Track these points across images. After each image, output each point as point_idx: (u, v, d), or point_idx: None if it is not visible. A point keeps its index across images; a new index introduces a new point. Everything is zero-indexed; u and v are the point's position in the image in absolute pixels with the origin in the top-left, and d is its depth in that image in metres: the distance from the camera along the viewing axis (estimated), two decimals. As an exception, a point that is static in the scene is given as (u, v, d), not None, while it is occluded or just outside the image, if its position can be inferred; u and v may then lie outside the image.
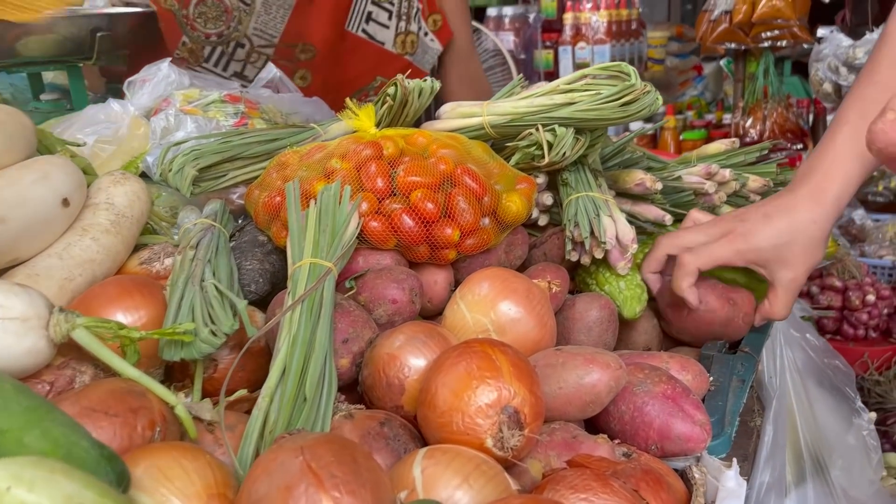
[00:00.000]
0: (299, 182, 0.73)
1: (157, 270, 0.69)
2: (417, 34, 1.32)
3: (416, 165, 0.74)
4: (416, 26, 1.31)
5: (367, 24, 1.28)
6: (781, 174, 0.96)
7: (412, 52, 1.32)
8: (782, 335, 1.02)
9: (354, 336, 0.61)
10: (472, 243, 0.74)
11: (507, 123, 0.86)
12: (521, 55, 2.49)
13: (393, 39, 1.30)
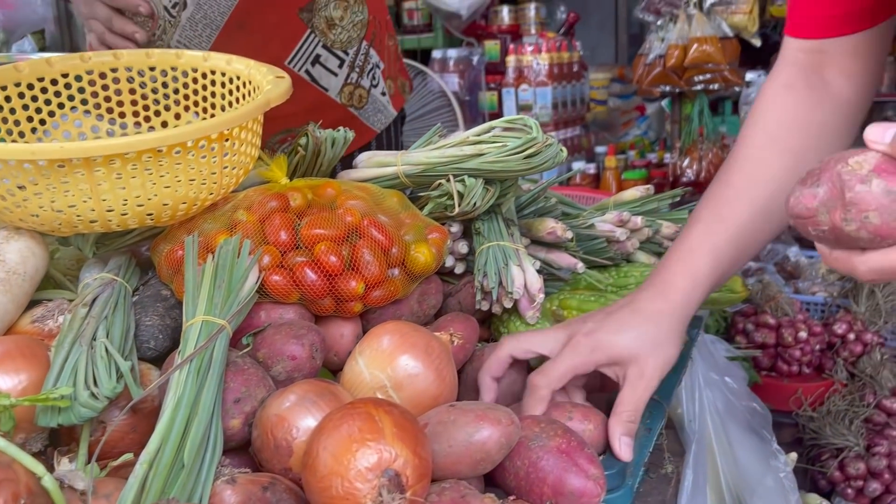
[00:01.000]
0: (203, 235, 0.72)
1: (51, 328, 0.68)
2: (369, 90, 1.31)
3: (320, 218, 0.74)
4: (368, 82, 1.31)
5: (312, 66, 1.26)
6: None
7: (358, 105, 1.31)
8: (702, 378, 1.03)
9: (247, 395, 0.60)
10: (379, 295, 0.74)
11: (420, 173, 0.86)
12: (465, 97, 2.52)
13: (339, 88, 1.28)
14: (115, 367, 0.59)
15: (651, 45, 2.04)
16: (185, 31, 1.17)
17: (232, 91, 0.88)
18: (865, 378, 1.71)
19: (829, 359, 1.78)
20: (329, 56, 1.27)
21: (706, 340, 1.12)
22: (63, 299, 0.71)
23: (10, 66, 0.83)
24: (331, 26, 1.26)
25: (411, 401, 0.62)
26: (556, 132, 2.46)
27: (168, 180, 0.69)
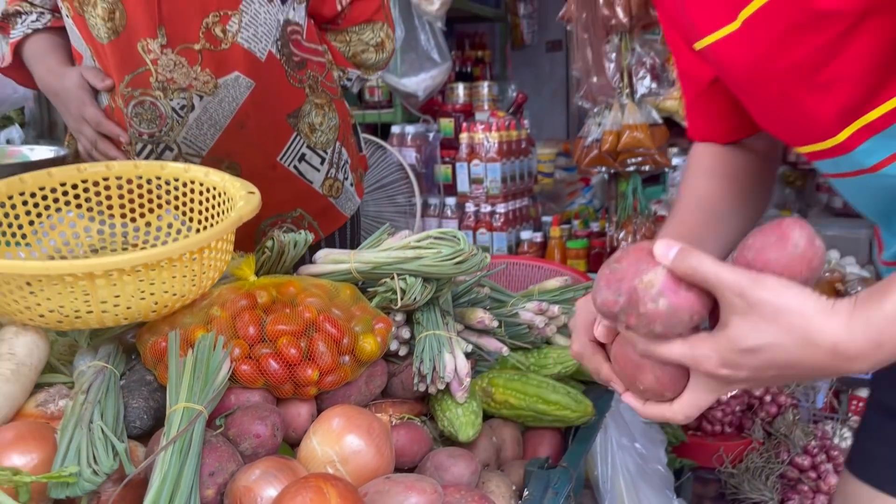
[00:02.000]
0: (183, 328, 0.86)
1: (52, 412, 0.80)
2: (343, 182, 1.48)
3: (283, 315, 0.88)
4: (342, 175, 1.48)
5: (299, 162, 1.42)
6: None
7: (335, 195, 1.47)
8: (615, 443, 1.18)
9: (220, 469, 0.73)
10: (331, 380, 0.88)
11: (369, 270, 1.02)
12: (422, 169, 2.70)
13: (321, 182, 1.44)
14: (111, 447, 0.72)
15: (589, 129, 2.24)
16: (191, 129, 1.32)
17: (208, 198, 1.02)
18: (780, 437, 1.88)
19: (749, 419, 1.95)
20: (313, 155, 1.44)
21: (622, 408, 1.27)
22: (61, 385, 0.84)
23: (16, 179, 0.97)
24: (312, 130, 1.43)
25: (355, 473, 0.76)
26: (504, 203, 2.65)
27: (155, 286, 0.83)
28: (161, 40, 1.28)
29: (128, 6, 1.27)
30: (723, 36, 0.66)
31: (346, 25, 1.48)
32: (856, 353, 0.54)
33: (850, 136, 0.65)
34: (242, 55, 1.30)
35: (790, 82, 0.64)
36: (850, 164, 0.67)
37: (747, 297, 0.55)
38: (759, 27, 0.63)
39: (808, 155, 0.71)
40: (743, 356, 0.57)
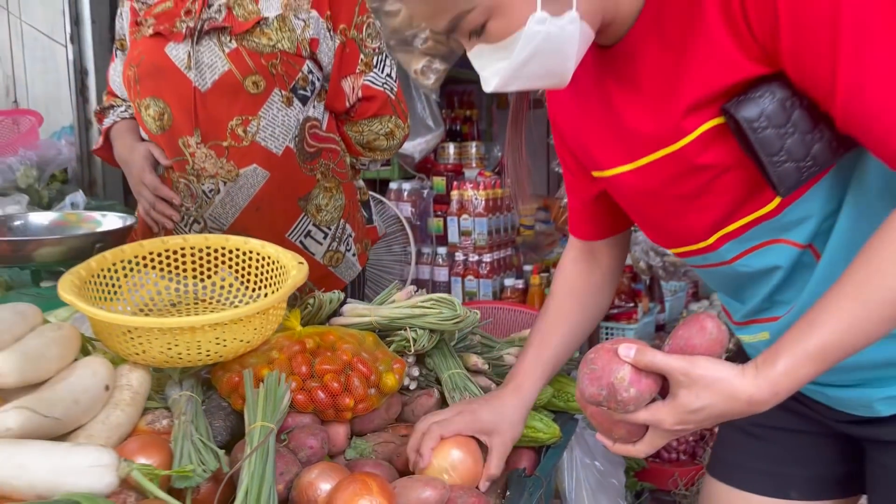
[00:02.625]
0: (251, 367, 1.15)
1: (158, 429, 1.08)
2: (345, 254, 1.77)
3: (326, 358, 1.17)
4: (345, 248, 1.76)
5: (305, 238, 1.71)
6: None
7: (335, 265, 1.76)
8: (579, 461, 1.47)
9: (287, 470, 1.02)
10: (362, 407, 1.16)
11: (386, 323, 1.31)
12: (417, 222, 3.01)
13: (323, 254, 1.73)
14: (210, 453, 1.00)
15: (563, 192, 2.56)
16: (216, 208, 1.62)
17: (263, 264, 1.31)
18: (727, 463, 2.17)
19: (701, 447, 2.24)
20: (317, 231, 1.73)
21: (586, 434, 1.56)
22: (162, 409, 1.12)
23: (118, 249, 1.25)
24: (318, 211, 1.72)
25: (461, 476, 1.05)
26: (490, 253, 2.96)
27: (234, 336, 1.12)
28: (197, 138, 1.59)
29: (173, 111, 1.58)
30: (622, 171, 0.96)
31: (358, 119, 1.75)
32: (762, 401, 0.78)
33: (716, 241, 0.95)
34: (260, 151, 1.61)
35: (675, 205, 0.94)
36: (714, 259, 0.97)
37: (689, 374, 0.80)
38: (653, 171, 0.92)
39: (680, 254, 1.01)
40: (690, 415, 0.81)
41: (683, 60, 0.83)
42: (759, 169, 0.83)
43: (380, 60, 1.73)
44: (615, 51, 0.90)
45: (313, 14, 1.61)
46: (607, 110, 0.95)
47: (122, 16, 1.72)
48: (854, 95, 0.74)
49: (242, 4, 1.58)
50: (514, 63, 0.81)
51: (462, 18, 0.82)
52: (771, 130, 0.79)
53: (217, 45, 1.57)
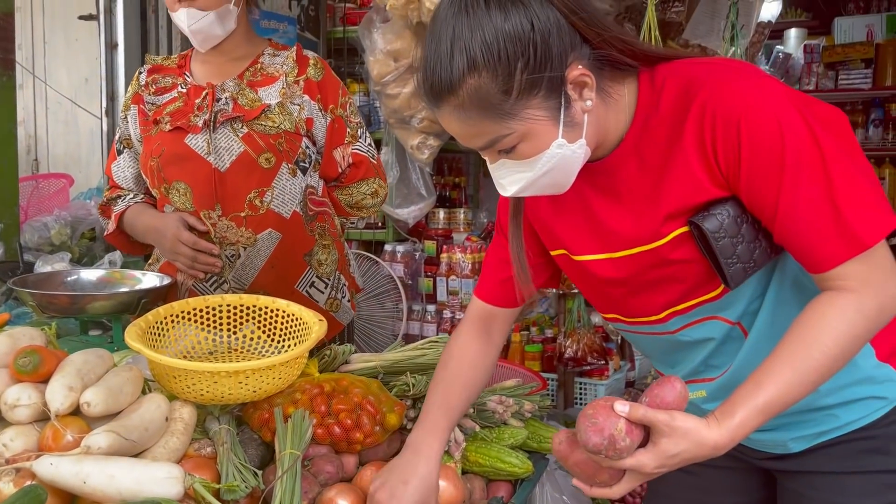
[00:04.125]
0: (278, 406, 1.39)
1: (204, 454, 1.31)
2: (341, 301, 2.04)
3: (340, 399, 1.41)
4: (341, 295, 2.03)
5: (310, 288, 1.98)
6: (542, 401, 1.69)
7: (335, 310, 2.02)
8: (549, 495, 1.71)
9: (309, 489, 1.25)
10: (370, 441, 1.40)
11: (389, 367, 1.56)
12: (408, 281, 3.27)
13: (325, 301, 2.00)
14: (250, 472, 1.24)
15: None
16: (237, 271, 1.88)
17: (288, 320, 1.56)
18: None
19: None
20: (319, 282, 2.00)
21: (557, 473, 1.80)
22: (205, 439, 1.35)
23: (168, 306, 1.50)
24: (320, 264, 1.99)
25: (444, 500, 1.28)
26: (476, 312, 3.22)
27: (267, 379, 1.36)
28: (218, 212, 1.86)
29: (195, 191, 1.84)
30: (598, 259, 1.20)
31: (347, 183, 2.04)
32: (723, 446, 0.96)
33: (666, 315, 1.20)
34: (274, 217, 1.88)
35: (639, 288, 1.20)
36: (661, 329, 1.24)
37: (670, 425, 0.95)
38: (629, 262, 1.14)
39: (630, 322, 1.24)
40: (668, 459, 0.96)
41: (663, 180, 1.07)
42: (714, 268, 1.08)
43: (362, 132, 2.04)
44: (596, 166, 1.13)
45: (306, 98, 1.91)
46: (583, 209, 1.18)
47: (127, 119, 1.97)
48: (788, 219, 1.00)
49: (244, 94, 1.88)
50: (534, 176, 1.05)
51: (499, 141, 1.02)
52: (727, 239, 1.04)
53: (231, 132, 1.84)
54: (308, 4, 3.27)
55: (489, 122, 1.00)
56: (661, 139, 1.07)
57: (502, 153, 1.05)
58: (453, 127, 1.04)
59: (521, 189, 1.07)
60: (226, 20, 1.86)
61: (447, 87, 0.98)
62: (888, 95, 4.96)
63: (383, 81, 2.94)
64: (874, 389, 1.15)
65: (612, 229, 1.15)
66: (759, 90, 1.00)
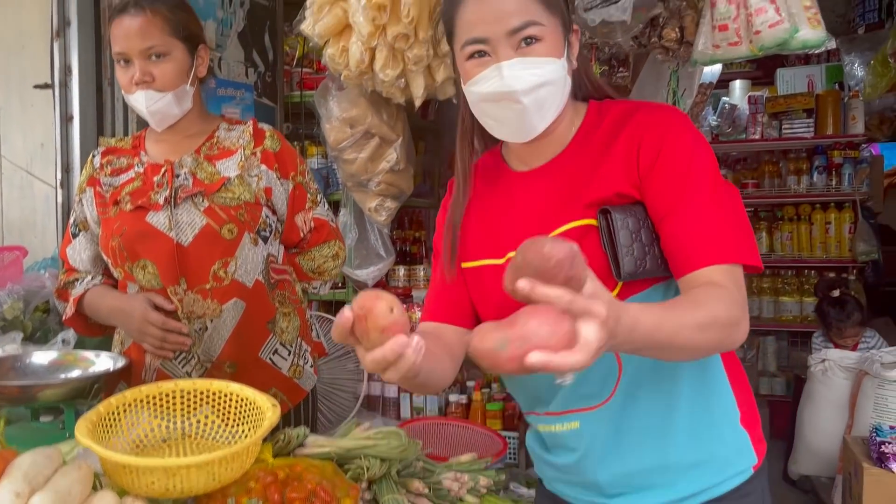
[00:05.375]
0: (233, 496, 1.39)
1: None
2: (304, 367, 2.04)
3: (294, 487, 1.42)
4: (303, 361, 2.04)
5: (273, 355, 1.98)
6: (497, 475, 1.71)
7: (298, 377, 2.03)
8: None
9: (263, 585, 1.25)
10: (324, 528, 1.41)
11: (343, 453, 1.57)
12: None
13: (288, 368, 2.00)
14: (202, 572, 1.24)
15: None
16: (205, 344, 1.89)
17: (242, 403, 1.57)
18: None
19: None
20: (282, 349, 2.01)
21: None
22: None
23: (120, 395, 1.50)
24: (282, 332, 2.01)
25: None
26: (437, 371, 3.24)
27: (219, 471, 1.37)
28: (183, 286, 1.87)
29: (159, 268, 1.86)
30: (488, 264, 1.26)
31: (309, 248, 2.08)
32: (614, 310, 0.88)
33: None
34: (238, 287, 1.90)
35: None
36: None
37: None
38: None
39: None
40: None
41: (591, 179, 1.21)
42: (610, 259, 1.16)
43: (321, 198, 2.11)
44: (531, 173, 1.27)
45: (263, 168, 1.95)
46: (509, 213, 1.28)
47: (82, 202, 1.99)
48: (679, 218, 1.14)
49: (203, 168, 1.91)
50: (541, 79, 1.16)
51: (531, 26, 1.15)
52: (627, 231, 1.16)
53: (192, 206, 1.87)
54: (265, 71, 3.33)
55: (533, 3, 1.15)
56: (596, 149, 1.23)
57: (518, 50, 1.16)
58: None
59: (525, 88, 1.15)
60: (182, 100, 1.89)
61: None
62: (830, 143, 5.16)
63: (339, 147, 2.99)
64: (729, 454, 1.23)
65: (538, 226, 1.23)
66: (685, 124, 1.21)
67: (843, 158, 5.13)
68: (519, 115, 1.19)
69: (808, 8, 2.16)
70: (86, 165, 2.03)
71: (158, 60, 1.83)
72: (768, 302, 5.33)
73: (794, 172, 5.26)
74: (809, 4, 2.16)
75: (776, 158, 5.46)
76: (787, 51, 2.22)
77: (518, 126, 1.21)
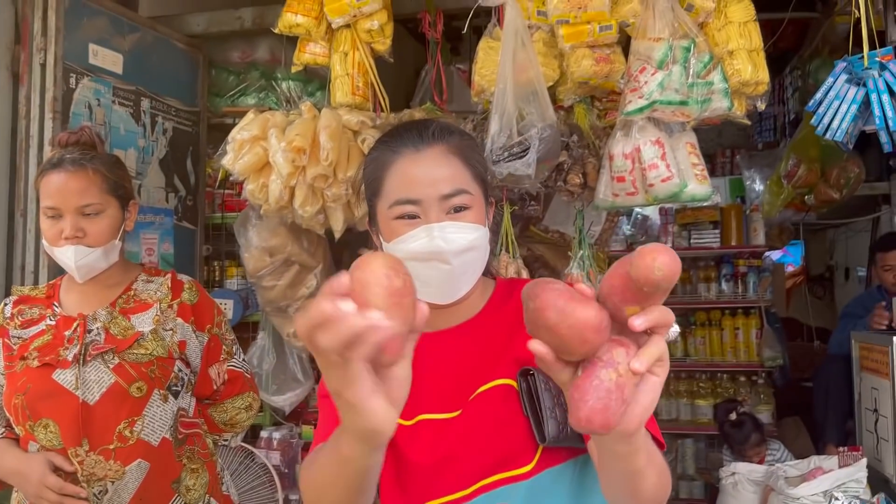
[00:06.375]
0: None
1: None
2: None
3: None
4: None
5: None
6: None
7: None
8: None
9: None
10: None
11: None
12: (285, 469, 3.22)
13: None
14: None
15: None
16: None
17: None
18: None
19: None
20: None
21: None
22: None
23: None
24: (188, 490, 1.95)
25: None
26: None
27: None
28: (85, 447, 1.83)
29: (62, 428, 1.81)
30: (434, 419, 1.17)
31: (222, 399, 2.07)
32: None
33: (475, 490, 1.14)
34: (143, 446, 1.86)
35: (462, 448, 1.15)
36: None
37: None
38: (465, 415, 1.17)
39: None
40: None
41: (510, 342, 1.19)
42: (532, 422, 1.13)
43: (237, 349, 2.12)
44: (445, 333, 1.26)
45: (179, 321, 1.96)
46: (429, 371, 1.21)
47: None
48: None
49: (116, 323, 1.90)
50: (471, 243, 1.19)
51: (461, 194, 1.19)
52: (548, 394, 1.12)
53: (102, 363, 1.84)
54: (186, 195, 3.36)
55: (464, 172, 1.21)
56: (509, 319, 1.23)
57: (451, 212, 1.19)
58: (434, 166, 1.20)
59: (458, 249, 1.18)
60: (110, 254, 1.90)
61: (447, 133, 1.24)
62: (734, 253, 5.47)
63: (259, 275, 3.01)
64: None
65: (452, 388, 1.20)
66: None
67: (748, 267, 5.44)
68: (447, 276, 1.19)
69: (696, 165, 2.35)
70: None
71: (92, 217, 1.84)
72: (685, 405, 5.48)
73: (704, 280, 5.53)
74: (697, 162, 2.36)
75: (687, 266, 5.73)
76: (678, 202, 2.39)
77: (444, 287, 1.20)
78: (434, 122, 1.25)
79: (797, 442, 4.91)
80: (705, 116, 2.35)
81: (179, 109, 3.39)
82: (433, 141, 1.21)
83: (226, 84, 3.65)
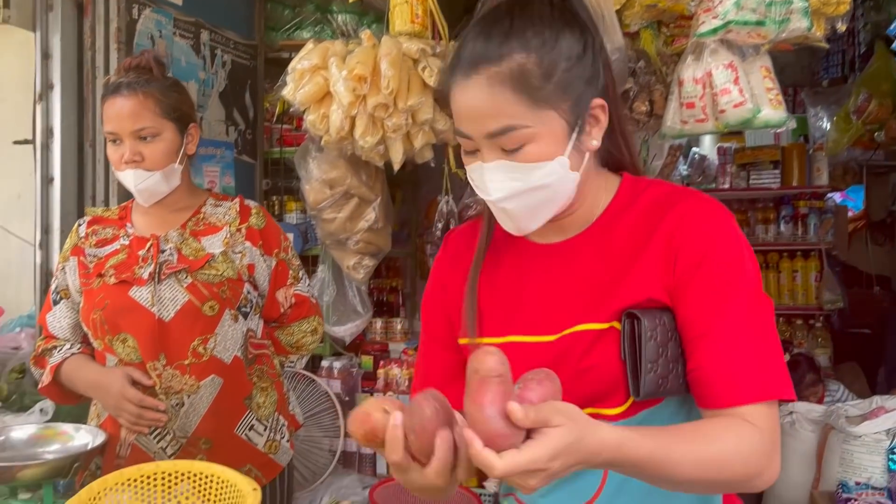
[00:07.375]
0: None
1: None
2: (280, 442, 2.06)
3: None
4: (279, 436, 2.06)
5: (249, 431, 2.00)
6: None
7: (274, 452, 2.05)
8: None
9: None
10: None
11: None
12: (346, 398, 3.30)
13: (263, 443, 2.02)
14: None
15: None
16: (182, 420, 1.90)
17: (223, 486, 1.59)
18: None
19: None
20: (259, 424, 2.02)
21: None
22: None
23: (108, 476, 1.51)
24: (259, 407, 2.02)
25: None
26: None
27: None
28: (162, 361, 1.89)
29: (140, 342, 1.87)
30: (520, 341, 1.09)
31: (289, 323, 2.12)
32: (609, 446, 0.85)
33: None
34: (216, 363, 1.92)
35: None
36: None
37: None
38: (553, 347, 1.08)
39: None
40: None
41: (627, 272, 1.07)
42: (629, 372, 1.04)
43: (303, 274, 2.16)
44: (552, 247, 1.15)
45: (247, 245, 1.99)
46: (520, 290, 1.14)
47: (65, 270, 2.00)
48: (715, 342, 1.01)
49: (188, 244, 1.95)
50: (525, 187, 1.02)
51: (513, 130, 1.00)
52: (654, 343, 1.02)
53: (176, 282, 1.89)
54: (245, 129, 3.38)
55: (516, 104, 1.00)
56: (631, 233, 1.10)
57: (505, 151, 1.02)
58: (477, 99, 1.01)
59: (505, 196, 1.04)
60: (171, 178, 1.93)
61: (494, 55, 1.00)
62: (795, 193, 5.32)
63: (319, 207, 3.04)
64: None
65: (552, 311, 1.11)
66: (732, 227, 1.07)
67: (809, 209, 5.29)
68: (508, 216, 1.08)
69: (770, 90, 2.27)
70: (70, 234, 2.05)
71: (148, 141, 1.87)
72: (739, 348, 5.43)
73: (762, 222, 5.40)
74: (771, 86, 2.27)
75: (745, 208, 5.60)
76: (750, 128, 2.32)
77: (510, 225, 1.10)
78: (483, 41, 1.03)
79: (853, 388, 4.82)
80: (782, 38, 2.25)
81: (238, 42, 3.39)
82: (475, 69, 1.01)
83: (281, 18, 3.64)
